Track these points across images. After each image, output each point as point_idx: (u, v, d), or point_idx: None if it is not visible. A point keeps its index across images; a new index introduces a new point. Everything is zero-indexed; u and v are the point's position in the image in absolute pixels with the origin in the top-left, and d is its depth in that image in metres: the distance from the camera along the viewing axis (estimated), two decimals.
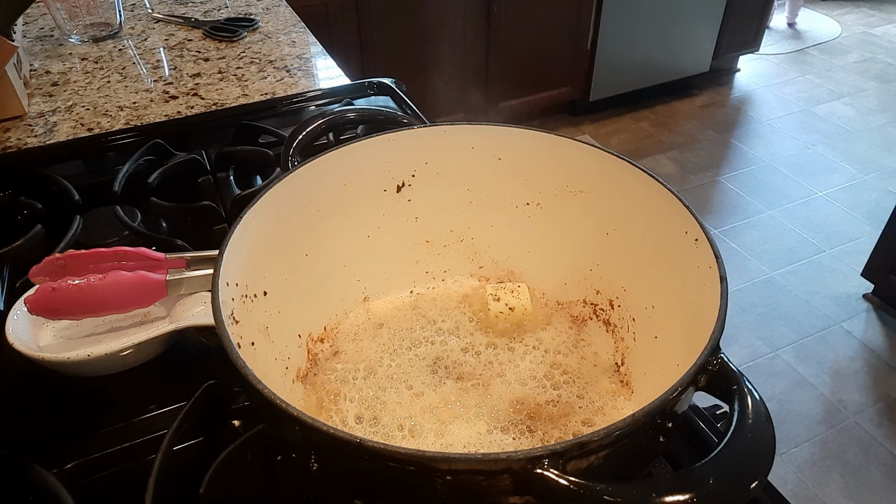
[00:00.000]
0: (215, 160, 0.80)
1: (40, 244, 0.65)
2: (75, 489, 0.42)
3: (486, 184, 0.57)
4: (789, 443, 1.53)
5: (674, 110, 2.85)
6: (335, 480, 0.36)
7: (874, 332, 1.81)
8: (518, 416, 0.48)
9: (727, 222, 2.21)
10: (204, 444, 0.47)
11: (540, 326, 0.56)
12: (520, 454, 0.29)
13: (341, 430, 0.30)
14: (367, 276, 0.57)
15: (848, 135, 2.68)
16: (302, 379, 0.51)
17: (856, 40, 3.48)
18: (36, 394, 0.52)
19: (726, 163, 2.53)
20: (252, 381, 0.33)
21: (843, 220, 2.22)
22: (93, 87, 0.97)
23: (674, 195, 0.45)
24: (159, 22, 1.18)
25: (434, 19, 2.18)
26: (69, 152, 0.82)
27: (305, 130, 0.57)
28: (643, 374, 0.49)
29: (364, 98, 0.93)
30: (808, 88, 3.02)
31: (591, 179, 0.53)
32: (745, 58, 3.13)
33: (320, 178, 0.51)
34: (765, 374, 1.70)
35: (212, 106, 0.92)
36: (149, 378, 0.53)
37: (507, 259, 0.60)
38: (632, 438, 0.31)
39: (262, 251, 0.46)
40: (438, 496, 0.32)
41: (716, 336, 0.35)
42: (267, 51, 1.07)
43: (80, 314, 0.51)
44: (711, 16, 2.69)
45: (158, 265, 0.52)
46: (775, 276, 1.99)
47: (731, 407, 0.32)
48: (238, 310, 0.41)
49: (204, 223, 0.71)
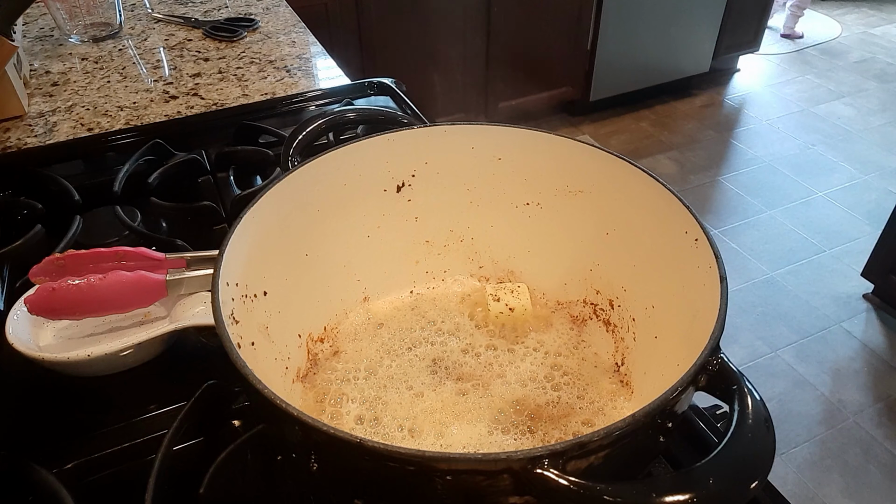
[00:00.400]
0: (215, 160, 0.80)
1: (40, 244, 0.65)
2: (75, 489, 0.42)
3: (486, 184, 0.57)
4: (789, 443, 1.53)
5: (674, 110, 2.85)
6: (335, 480, 0.36)
7: (874, 332, 1.81)
8: (518, 417, 0.48)
9: (727, 222, 2.21)
10: (204, 444, 0.47)
11: (540, 327, 0.56)
12: (520, 454, 0.29)
13: (341, 430, 0.30)
14: (367, 276, 0.57)
15: (848, 135, 2.68)
16: (302, 379, 0.51)
17: (856, 40, 3.48)
18: (36, 394, 0.52)
19: (726, 163, 2.53)
20: (252, 381, 0.33)
21: (843, 220, 2.22)
22: (93, 87, 0.97)
23: (674, 195, 0.45)
24: (159, 22, 1.18)
25: (434, 19, 2.18)
26: (69, 152, 0.82)
27: (305, 130, 0.57)
28: (643, 374, 0.49)
29: (364, 98, 0.93)
30: (808, 88, 3.02)
31: (591, 179, 0.53)
32: (745, 58, 3.13)
33: (320, 178, 0.51)
34: (765, 374, 1.70)
35: (212, 106, 0.92)
36: (149, 378, 0.53)
37: (507, 259, 0.60)
38: (632, 438, 0.31)
39: (262, 251, 0.46)
40: (438, 496, 0.32)
41: (716, 336, 0.35)
42: (267, 51, 1.07)
43: (80, 314, 0.51)
44: (711, 16, 2.69)
45: (158, 265, 0.52)
46: (775, 276, 1.99)
47: (731, 407, 0.32)
48: (238, 310, 0.41)
49: (204, 223, 0.71)
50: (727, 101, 2.93)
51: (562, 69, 2.56)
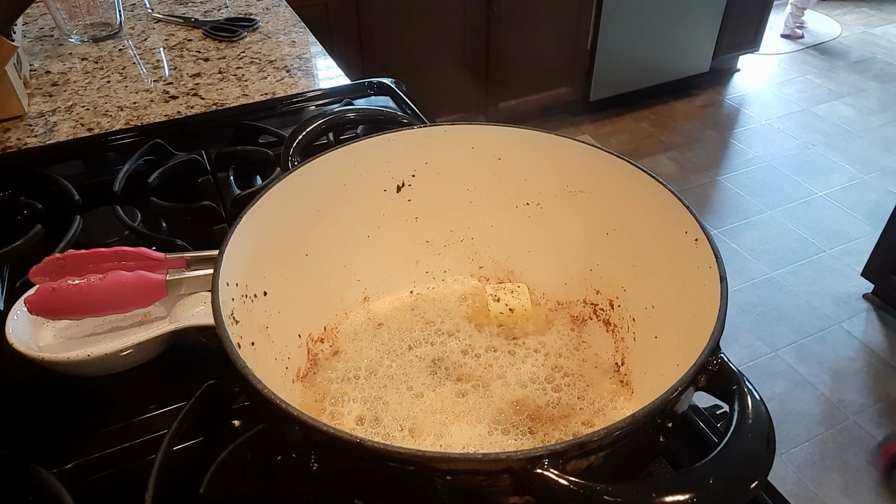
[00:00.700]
0: (215, 160, 0.80)
1: (40, 244, 0.65)
2: (75, 489, 0.42)
3: (486, 184, 0.57)
4: (789, 443, 1.53)
5: (674, 110, 2.85)
6: (335, 480, 0.36)
7: (874, 332, 1.81)
8: (518, 418, 0.48)
9: (727, 222, 2.21)
10: (204, 444, 0.47)
11: (540, 327, 0.56)
12: (520, 454, 0.29)
13: (341, 430, 0.30)
14: (367, 276, 0.57)
15: (848, 135, 2.68)
16: (302, 379, 0.51)
17: (856, 40, 3.48)
18: (36, 394, 0.52)
19: (726, 163, 2.53)
20: (252, 381, 0.33)
21: (843, 220, 2.22)
22: (93, 87, 0.97)
23: (674, 195, 0.45)
24: (159, 22, 1.18)
25: (434, 19, 2.18)
26: (69, 152, 0.82)
27: (305, 130, 0.57)
28: (643, 375, 0.49)
29: (364, 98, 0.93)
30: (808, 88, 3.02)
31: (591, 179, 0.53)
32: (745, 58, 3.13)
33: (320, 178, 0.51)
34: (765, 374, 1.70)
35: (212, 106, 0.92)
36: (149, 378, 0.53)
37: (507, 259, 0.60)
38: (632, 438, 0.31)
39: (262, 251, 0.46)
40: (439, 496, 0.32)
41: (716, 336, 0.35)
42: (267, 51, 1.07)
43: (80, 314, 0.51)
44: (711, 16, 2.69)
45: (158, 265, 0.52)
46: (775, 276, 1.99)
47: (731, 407, 0.32)
48: (238, 310, 0.41)
49: (204, 223, 0.71)
50: (727, 101, 2.93)
51: (562, 69, 2.56)
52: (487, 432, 0.47)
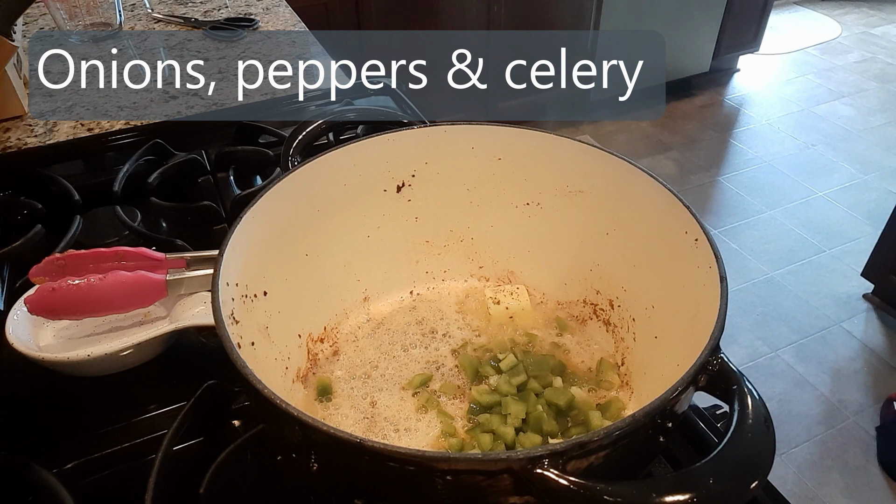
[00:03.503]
0: (215, 160, 0.80)
1: (40, 244, 0.65)
2: (75, 489, 0.42)
3: (486, 184, 0.57)
4: (789, 443, 1.53)
5: (674, 110, 2.85)
6: (335, 480, 0.36)
7: (874, 332, 1.81)
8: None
9: (727, 222, 2.21)
10: (204, 444, 0.47)
11: (540, 327, 0.56)
12: (520, 454, 0.29)
13: (341, 430, 0.30)
14: (367, 276, 0.57)
15: (848, 135, 2.68)
16: (302, 379, 0.51)
17: (856, 40, 3.48)
18: (36, 394, 0.52)
19: (726, 163, 2.53)
20: (252, 381, 0.33)
21: (843, 220, 2.21)
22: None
23: (674, 195, 0.45)
24: (159, 22, 1.18)
25: (434, 19, 2.18)
26: (69, 152, 0.82)
27: (305, 130, 0.57)
28: (643, 374, 0.49)
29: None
30: (808, 88, 3.02)
31: (591, 179, 0.53)
32: (745, 58, 3.13)
33: (320, 178, 0.51)
34: (765, 374, 1.69)
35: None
36: (149, 378, 0.53)
37: (507, 259, 0.60)
38: (632, 438, 0.31)
39: (262, 251, 0.46)
40: (439, 496, 0.32)
41: (716, 336, 0.35)
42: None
43: (80, 314, 0.51)
44: (711, 16, 2.69)
45: (158, 265, 0.52)
46: (775, 276, 1.99)
47: (731, 407, 0.32)
48: (238, 310, 0.41)
49: (204, 223, 0.71)
50: (727, 101, 2.93)
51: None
52: None
